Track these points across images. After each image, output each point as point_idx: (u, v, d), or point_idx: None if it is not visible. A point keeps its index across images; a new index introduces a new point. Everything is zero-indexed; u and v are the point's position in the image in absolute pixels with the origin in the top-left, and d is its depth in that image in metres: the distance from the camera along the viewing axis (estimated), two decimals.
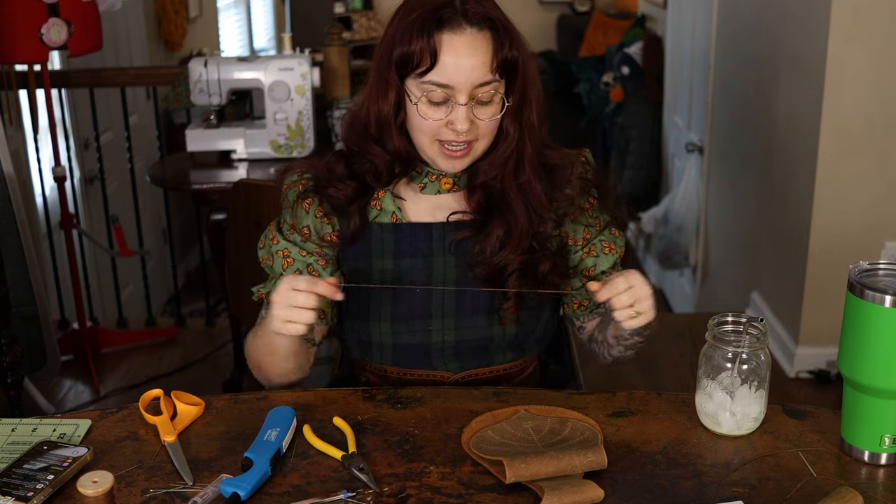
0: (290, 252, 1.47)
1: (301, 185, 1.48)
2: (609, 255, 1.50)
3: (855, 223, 3.06)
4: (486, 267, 1.42)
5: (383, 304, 1.46)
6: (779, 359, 3.34)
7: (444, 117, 1.36)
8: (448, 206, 1.47)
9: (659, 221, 4.63)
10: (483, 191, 1.44)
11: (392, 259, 1.46)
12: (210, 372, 3.44)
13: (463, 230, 1.44)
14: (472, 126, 1.36)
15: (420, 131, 1.39)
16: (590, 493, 1.13)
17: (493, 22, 1.35)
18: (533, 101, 1.42)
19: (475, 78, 1.34)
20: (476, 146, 1.40)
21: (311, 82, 3.09)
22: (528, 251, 1.43)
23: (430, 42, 1.33)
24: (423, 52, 1.33)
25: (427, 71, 1.34)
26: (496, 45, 1.35)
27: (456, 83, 1.34)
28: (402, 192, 1.48)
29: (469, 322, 1.46)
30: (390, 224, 1.46)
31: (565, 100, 6.53)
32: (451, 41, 1.33)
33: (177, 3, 5.14)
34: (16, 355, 2.59)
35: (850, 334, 1.18)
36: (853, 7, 2.86)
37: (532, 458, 1.17)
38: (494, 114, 1.38)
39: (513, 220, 1.42)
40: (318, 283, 1.28)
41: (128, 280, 4.23)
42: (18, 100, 3.38)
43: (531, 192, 1.43)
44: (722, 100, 4.10)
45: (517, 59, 1.37)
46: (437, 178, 1.46)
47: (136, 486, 1.17)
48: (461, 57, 1.33)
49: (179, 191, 3.56)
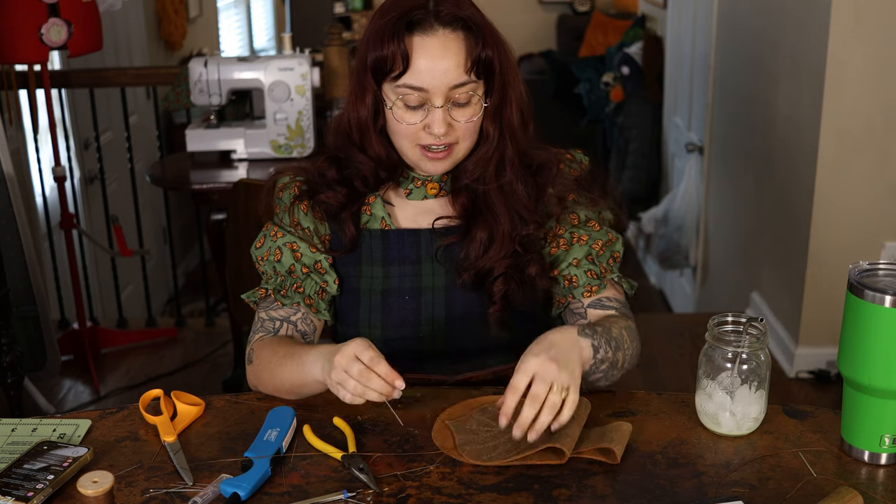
0: (298, 246, 1.45)
1: (296, 187, 1.47)
2: (580, 246, 1.43)
3: (855, 223, 3.06)
4: (471, 272, 1.41)
5: (373, 311, 1.45)
6: (779, 359, 3.34)
7: (421, 121, 1.35)
8: (435, 211, 1.45)
9: (659, 221, 4.64)
10: (467, 193, 1.42)
11: (381, 266, 1.45)
12: (210, 372, 3.44)
13: (448, 236, 1.43)
14: (450, 129, 1.35)
15: (399, 136, 1.38)
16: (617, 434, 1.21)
17: (465, 21, 1.33)
18: (513, 100, 1.40)
19: (449, 80, 1.32)
20: (457, 148, 1.38)
21: (311, 82, 3.09)
22: (514, 255, 1.40)
23: (402, 45, 1.31)
24: (395, 55, 1.32)
25: (400, 75, 1.33)
26: (469, 44, 1.33)
27: (430, 86, 1.32)
28: (391, 198, 1.47)
29: (459, 328, 1.45)
30: (379, 230, 1.45)
31: (565, 100, 6.52)
32: (423, 43, 1.32)
33: (177, 3, 5.14)
34: (16, 355, 2.60)
35: (850, 334, 1.18)
36: (853, 7, 2.86)
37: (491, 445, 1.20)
38: (472, 115, 1.36)
39: (495, 224, 1.40)
40: (380, 363, 1.22)
41: (128, 280, 4.23)
42: (18, 100, 3.38)
43: (513, 195, 1.41)
44: (722, 100, 4.10)
45: (492, 59, 1.35)
46: (423, 183, 1.45)
47: (136, 486, 1.17)
48: (434, 59, 1.32)
49: (179, 191, 3.56)
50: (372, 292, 1.45)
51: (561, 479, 1.18)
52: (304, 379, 1.32)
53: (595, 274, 1.43)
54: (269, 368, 1.37)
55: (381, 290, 1.45)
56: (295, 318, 1.45)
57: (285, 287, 1.45)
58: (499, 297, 1.41)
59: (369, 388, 1.21)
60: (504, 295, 1.41)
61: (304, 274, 1.45)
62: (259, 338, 1.44)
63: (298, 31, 6.37)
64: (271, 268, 1.46)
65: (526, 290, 1.42)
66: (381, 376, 1.21)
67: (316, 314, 1.46)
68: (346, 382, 1.21)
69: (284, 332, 1.44)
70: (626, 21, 6.68)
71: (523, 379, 1.21)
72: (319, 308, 1.46)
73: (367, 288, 1.45)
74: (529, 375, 1.21)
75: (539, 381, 1.20)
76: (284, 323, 1.44)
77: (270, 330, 1.44)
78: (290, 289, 1.45)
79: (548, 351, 1.23)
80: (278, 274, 1.46)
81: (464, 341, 1.45)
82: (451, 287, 1.44)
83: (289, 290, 1.45)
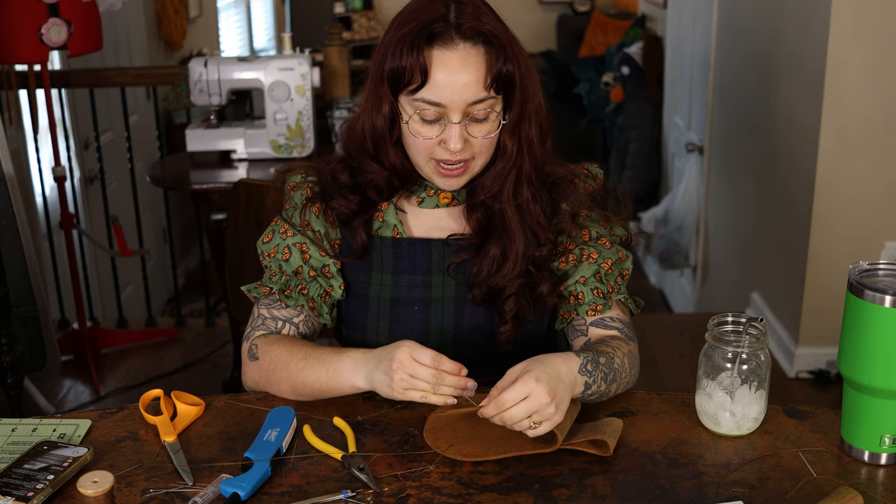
0: (308, 248, 1.43)
1: (308, 188, 1.46)
2: (589, 264, 1.41)
3: (855, 223, 3.06)
4: (483, 288, 1.40)
5: (381, 319, 1.44)
6: (779, 359, 3.34)
7: (437, 136, 1.32)
8: (448, 222, 1.44)
9: (659, 221, 4.64)
10: (482, 209, 1.40)
11: (391, 274, 1.44)
12: (210, 372, 3.44)
13: (461, 252, 1.42)
14: (466, 145, 1.32)
15: (414, 150, 1.36)
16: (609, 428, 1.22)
17: (486, 36, 1.29)
18: (532, 115, 1.37)
19: (468, 96, 1.29)
20: (473, 164, 1.36)
21: (311, 82, 3.09)
22: (527, 274, 1.39)
23: (421, 58, 1.28)
24: (414, 68, 1.28)
25: (418, 88, 1.30)
26: (490, 59, 1.29)
27: (448, 101, 1.29)
28: (404, 205, 1.45)
29: (468, 340, 1.44)
30: (391, 238, 1.44)
31: (565, 100, 6.53)
32: (442, 57, 1.28)
33: (177, 3, 5.14)
34: (16, 355, 2.60)
35: (850, 334, 1.18)
36: (853, 7, 2.86)
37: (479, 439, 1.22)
38: (490, 132, 1.34)
39: (509, 242, 1.38)
40: (443, 360, 1.21)
41: (128, 280, 4.23)
42: (18, 100, 3.38)
43: (529, 213, 1.39)
44: (722, 100, 4.10)
45: (513, 74, 1.31)
46: (436, 192, 1.43)
47: (136, 486, 1.17)
48: (453, 74, 1.28)
49: (179, 191, 3.56)
50: (381, 300, 1.44)
51: (561, 479, 1.18)
52: (338, 385, 1.31)
53: (601, 293, 1.42)
54: (285, 368, 1.35)
55: (390, 298, 1.44)
56: (297, 319, 1.44)
57: (290, 287, 1.44)
58: (510, 317, 1.40)
59: (444, 385, 1.21)
60: (515, 315, 1.40)
61: (310, 277, 1.44)
62: (261, 335, 1.42)
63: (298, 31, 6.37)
64: (277, 266, 1.44)
65: (537, 308, 1.41)
66: (450, 372, 1.21)
67: (317, 317, 1.45)
68: (417, 384, 1.21)
69: (286, 332, 1.43)
70: (626, 21, 6.68)
71: (514, 397, 1.17)
72: (322, 312, 1.45)
73: (375, 295, 1.45)
74: (523, 396, 1.17)
75: (523, 406, 1.17)
76: (287, 324, 1.44)
77: (272, 329, 1.43)
78: (294, 290, 1.44)
79: (550, 382, 1.18)
80: (284, 273, 1.44)
81: (471, 353, 1.42)
82: (461, 300, 1.43)
83: (293, 291, 1.44)
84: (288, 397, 1.37)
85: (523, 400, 1.17)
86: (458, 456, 1.21)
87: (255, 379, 1.40)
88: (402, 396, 1.23)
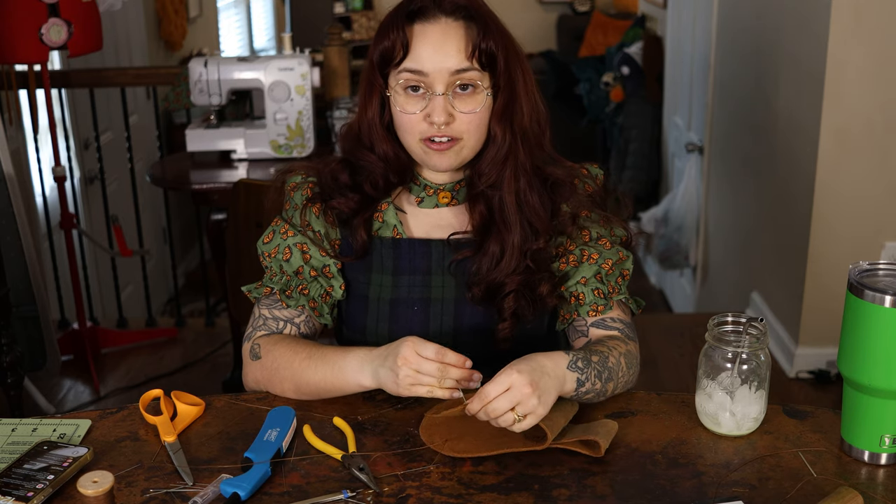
0: (308, 248, 1.44)
1: (308, 188, 1.46)
2: (589, 265, 1.42)
3: (855, 223, 3.06)
4: (482, 286, 1.40)
5: (380, 319, 1.44)
6: (779, 359, 3.34)
7: (422, 110, 1.34)
8: (448, 222, 1.44)
9: (659, 221, 4.64)
10: (484, 202, 1.40)
11: (391, 275, 1.44)
12: (210, 372, 3.44)
13: (462, 250, 1.42)
14: (452, 119, 1.34)
15: (404, 130, 1.37)
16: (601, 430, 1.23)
17: (468, 10, 1.34)
18: (523, 103, 1.38)
19: (450, 64, 1.32)
20: (461, 144, 1.36)
21: (311, 82, 3.09)
22: (526, 271, 1.39)
23: (402, 33, 1.33)
24: (396, 42, 1.33)
25: (401, 61, 1.34)
26: (471, 33, 1.33)
27: (430, 69, 1.32)
28: (404, 205, 1.46)
29: (468, 341, 1.43)
30: (390, 239, 1.44)
31: (565, 100, 6.53)
32: (424, 30, 1.33)
33: (177, 3, 5.14)
34: (16, 355, 2.60)
35: (850, 334, 1.18)
36: (853, 7, 2.86)
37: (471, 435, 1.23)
38: (475, 106, 1.35)
39: (507, 235, 1.38)
40: (447, 353, 1.22)
41: (128, 280, 4.23)
42: (18, 100, 3.38)
43: (527, 205, 1.39)
44: (722, 100, 4.10)
45: (495, 51, 1.34)
46: (435, 192, 1.44)
47: (136, 486, 1.17)
48: (434, 44, 1.32)
49: (179, 191, 3.56)
50: (380, 300, 1.44)
51: (561, 479, 1.18)
52: (343, 384, 1.31)
53: (602, 293, 1.42)
54: (288, 367, 1.35)
55: (390, 298, 1.44)
56: (299, 320, 1.44)
57: (290, 287, 1.44)
58: (509, 315, 1.40)
59: (449, 378, 1.21)
60: (514, 312, 1.40)
61: (311, 277, 1.44)
62: (262, 335, 1.43)
63: (298, 31, 6.37)
64: (278, 266, 1.45)
65: (536, 309, 1.41)
66: (455, 364, 1.22)
67: (318, 317, 1.45)
68: (422, 379, 1.22)
69: (288, 332, 1.43)
70: (626, 21, 6.68)
71: (496, 390, 1.18)
72: (322, 312, 1.45)
73: (375, 296, 1.45)
74: (504, 388, 1.18)
75: (506, 397, 1.18)
76: (288, 324, 1.44)
77: (273, 329, 1.43)
78: (295, 290, 1.44)
79: (532, 374, 1.19)
80: (284, 273, 1.45)
81: (471, 354, 1.43)
82: (461, 300, 1.43)
83: (294, 292, 1.44)
84: (291, 397, 1.37)
85: (506, 392, 1.18)
86: (452, 452, 1.21)
87: (256, 378, 1.40)
88: (409, 392, 1.23)
